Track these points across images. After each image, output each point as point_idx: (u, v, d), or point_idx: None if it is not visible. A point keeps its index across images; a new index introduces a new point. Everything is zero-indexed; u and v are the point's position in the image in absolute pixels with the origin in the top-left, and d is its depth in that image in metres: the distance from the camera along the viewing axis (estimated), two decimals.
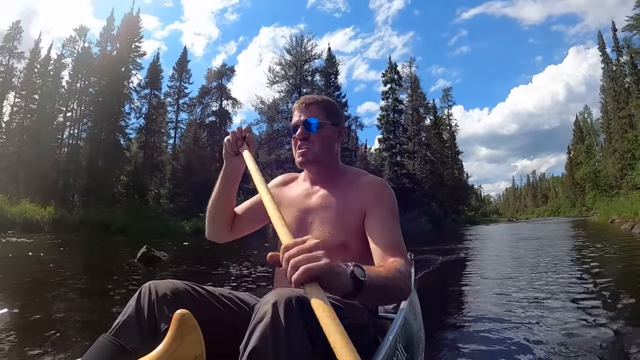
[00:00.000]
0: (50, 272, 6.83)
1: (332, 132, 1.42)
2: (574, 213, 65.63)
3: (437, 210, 36.77)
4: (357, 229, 1.32)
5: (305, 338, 0.90)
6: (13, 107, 33.17)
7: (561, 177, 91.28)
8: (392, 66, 40.70)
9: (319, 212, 1.39)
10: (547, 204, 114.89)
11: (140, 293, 1.12)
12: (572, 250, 9.28)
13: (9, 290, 5.08)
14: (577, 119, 59.31)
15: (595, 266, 6.16)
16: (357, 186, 1.39)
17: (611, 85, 37.47)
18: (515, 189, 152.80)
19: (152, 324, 1.06)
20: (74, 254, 10.97)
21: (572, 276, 5.31)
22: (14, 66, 33.70)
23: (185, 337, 0.79)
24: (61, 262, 8.37)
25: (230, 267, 7.53)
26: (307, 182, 1.49)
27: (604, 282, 4.80)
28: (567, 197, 78.70)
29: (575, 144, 58.79)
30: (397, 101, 39.69)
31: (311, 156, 1.39)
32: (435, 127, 46.71)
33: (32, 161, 29.64)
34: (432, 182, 40.70)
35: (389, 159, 37.32)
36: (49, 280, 5.84)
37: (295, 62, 34.83)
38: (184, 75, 37.50)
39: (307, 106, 1.42)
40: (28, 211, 20.72)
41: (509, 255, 9.24)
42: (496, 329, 3.05)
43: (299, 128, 1.39)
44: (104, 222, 22.04)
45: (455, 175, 50.26)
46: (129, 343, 1.02)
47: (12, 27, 34.37)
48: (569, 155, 67.40)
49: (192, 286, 1.18)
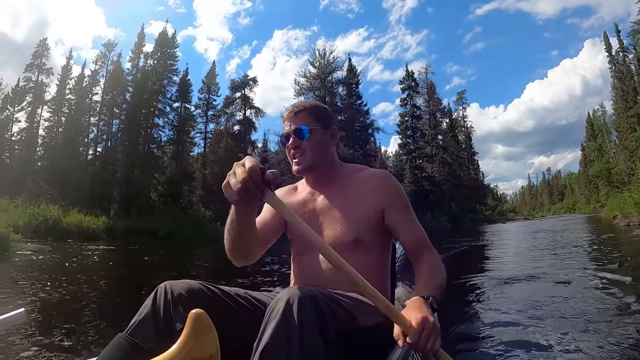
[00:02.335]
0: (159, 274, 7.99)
1: (323, 136, 1.43)
2: (589, 209, 65.91)
3: (456, 210, 38.27)
4: (368, 224, 1.35)
5: (318, 335, 0.91)
6: (45, 121, 34.45)
7: (576, 174, 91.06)
8: (410, 74, 42.39)
9: (327, 212, 1.40)
10: (563, 201, 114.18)
11: (156, 293, 1.12)
12: (558, 244, 11.30)
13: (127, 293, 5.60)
14: (589, 116, 59.47)
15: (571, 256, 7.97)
16: (360, 182, 1.42)
17: (619, 85, 38.27)
18: (531, 187, 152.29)
19: (168, 324, 1.06)
20: (158, 258, 12.03)
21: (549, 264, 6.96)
22: (43, 82, 34.82)
23: (200, 337, 0.78)
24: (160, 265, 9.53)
25: (275, 267, 7.73)
26: (308, 188, 1.50)
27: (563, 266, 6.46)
28: (582, 194, 78.65)
29: (588, 141, 59.14)
30: (415, 107, 41.47)
31: (306, 163, 1.40)
32: (452, 130, 48.11)
33: (69, 173, 30.41)
34: (451, 184, 42.29)
35: (409, 163, 39.09)
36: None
37: (320, 75, 36.71)
38: (212, 88, 39.17)
39: (296, 114, 1.42)
40: (84, 221, 21.39)
41: (517, 247, 11.84)
42: (514, 324, 3.20)
43: (291, 137, 1.41)
44: (150, 230, 22.62)
45: (472, 175, 51.43)
46: (145, 342, 1.03)
47: (40, 44, 35.70)
48: (582, 152, 67.86)
49: (207, 286, 1.18)
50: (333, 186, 1.44)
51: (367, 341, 1.14)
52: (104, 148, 35.36)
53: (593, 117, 57.42)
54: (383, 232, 1.39)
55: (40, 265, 8.82)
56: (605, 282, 4.80)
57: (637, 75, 36.68)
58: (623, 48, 38.11)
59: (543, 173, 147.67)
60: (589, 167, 55.45)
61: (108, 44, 37.25)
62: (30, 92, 34.68)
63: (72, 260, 10.13)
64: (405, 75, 42.29)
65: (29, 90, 34.74)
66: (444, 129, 46.53)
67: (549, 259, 7.87)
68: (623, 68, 38.13)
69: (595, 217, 28.09)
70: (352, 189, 1.41)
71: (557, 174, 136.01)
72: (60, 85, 35.44)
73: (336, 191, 1.43)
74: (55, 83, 35.53)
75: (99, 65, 36.45)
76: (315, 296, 0.96)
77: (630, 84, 37.09)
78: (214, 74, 40.20)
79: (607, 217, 22.99)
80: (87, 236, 19.76)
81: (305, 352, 0.87)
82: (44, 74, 35.29)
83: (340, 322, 1.01)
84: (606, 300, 3.87)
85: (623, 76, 37.84)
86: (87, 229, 20.95)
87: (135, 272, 8.91)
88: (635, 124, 35.32)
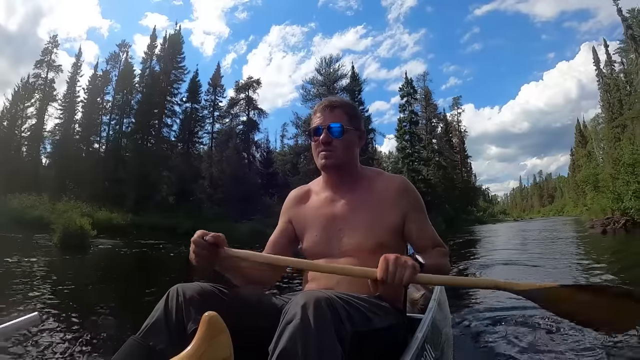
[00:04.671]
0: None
1: (354, 137, 1.43)
2: (577, 212, 67.69)
3: (450, 212, 40.00)
4: (390, 228, 1.38)
5: (335, 339, 0.91)
6: (56, 118, 35.09)
7: (566, 177, 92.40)
8: (409, 81, 44.51)
9: (349, 217, 1.39)
10: (552, 204, 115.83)
11: (168, 296, 1.12)
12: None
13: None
14: (579, 123, 61.87)
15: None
16: (381, 187, 1.43)
17: (605, 97, 40.64)
18: (522, 189, 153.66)
19: (180, 326, 1.06)
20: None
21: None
22: (52, 79, 35.38)
23: (214, 339, 0.77)
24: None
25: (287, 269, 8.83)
26: (327, 190, 1.48)
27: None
28: (570, 198, 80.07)
29: (577, 147, 61.41)
30: (413, 113, 43.72)
31: (335, 161, 1.39)
32: (446, 135, 50.29)
33: (83, 170, 31.51)
34: (445, 186, 44.28)
35: (407, 166, 40.94)
36: None
37: (326, 82, 38.89)
38: (218, 89, 40.08)
39: (332, 110, 1.40)
40: (113, 218, 22.01)
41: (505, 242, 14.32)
42: (527, 324, 3.11)
43: (323, 132, 1.38)
44: (170, 226, 22.98)
45: (464, 178, 53.55)
46: (158, 344, 1.03)
47: (50, 41, 36.17)
48: (571, 158, 70.11)
49: (219, 288, 1.17)
50: (354, 190, 1.43)
51: (381, 342, 1.16)
52: (116, 146, 36.07)
53: (583, 124, 59.47)
54: (402, 235, 1.41)
55: (128, 259, 10.44)
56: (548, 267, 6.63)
57: (623, 89, 38.67)
58: (611, 62, 40.26)
59: (534, 176, 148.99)
60: (577, 172, 57.28)
61: (122, 45, 38.21)
62: (39, 88, 35.12)
63: (148, 253, 11.71)
64: (404, 83, 44.43)
65: (38, 87, 35.21)
66: (440, 134, 48.70)
67: (522, 251, 10.17)
68: (610, 81, 40.20)
69: (578, 220, 30.07)
70: (374, 194, 1.41)
71: (548, 177, 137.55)
72: (70, 83, 36.20)
73: (358, 196, 1.42)
74: (66, 80, 36.22)
75: (110, 65, 37.48)
76: (331, 300, 0.96)
77: (617, 96, 39.03)
78: (219, 75, 41.29)
79: (584, 219, 24.91)
80: (117, 232, 19.85)
81: (323, 356, 0.87)
82: (53, 70, 35.83)
83: (356, 324, 1.02)
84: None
85: (610, 89, 39.96)
86: (117, 225, 21.38)
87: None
88: (619, 133, 37.13)
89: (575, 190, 69.76)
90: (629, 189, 16.23)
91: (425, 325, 1.41)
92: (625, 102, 37.57)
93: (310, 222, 1.45)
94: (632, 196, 15.76)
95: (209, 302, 1.07)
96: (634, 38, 34.70)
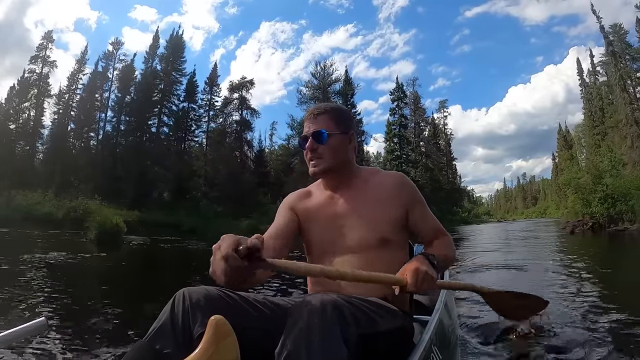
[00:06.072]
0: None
1: (342, 140, 1.42)
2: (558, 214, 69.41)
3: (436, 213, 41.24)
4: (392, 223, 1.38)
5: (341, 342, 0.90)
6: (53, 114, 35.91)
7: (550, 180, 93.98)
8: (400, 86, 46.26)
9: (351, 214, 1.40)
10: (535, 206, 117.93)
11: (174, 300, 1.10)
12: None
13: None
14: (561, 128, 63.79)
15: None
16: (379, 184, 1.44)
17: (587, 106, 42.63)
18: (506, 191, 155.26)
19: (187, 330, 1.04)
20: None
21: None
22: (47, 74, 35.74)
23: (220, 343, 0.76)
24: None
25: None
26: (327, 190, 1.49)
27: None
28: (553, 200, 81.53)
29: (560, 151, 63.30)
30: (402, 117, 45.45)
31: (322, 167, 1.40)
32: (434, 138, 51.95)
33: (80, 167, 32.13)
34: (432, 187, 45.79)
35: (395, 168, 41.92)
36: None
37: (321, 86, 40.20)
38: (214, 89, 40.96)
39: (316, 117, 1.42)
40: (122, 215, 20.56)
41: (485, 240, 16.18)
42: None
43: (309, 140, 1.40)
44: (174, 224, 23.31)
45: (450, 179, 55.15)
46: (164, 349, 1.02)
47: (45, 37, 36.73)
48: (554, 162, 72.36)
49: (226, 292, 1.15)
50: (352, 189, 1.44)
51: (387, 344, 1.16)
52: (113, 143, 36.62)
53: (566, 129, 61.42)
54: (405, 229, 1.44)
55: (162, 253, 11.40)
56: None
57: (605, 98, 40.28)
58: (595, 72, 42.16)
59: (518, 178, 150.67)
60: (559, 176, 58.99)
61: (115, 42, 38.99)
62: (35, 84, 35.54)
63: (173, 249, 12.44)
64: (396, 87, 46.25)
65: (33, 83, 35.62)
66: (427, 137, 50.38)
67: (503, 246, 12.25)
68: (593, 90, 42.07)
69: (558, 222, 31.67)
70: (373, 191, 1.42)
71: (532, 180, 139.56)
72: (69, 80, 36.81)
73: (356, 194, 1.43)
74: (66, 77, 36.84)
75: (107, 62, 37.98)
76: (336, 302, 0.96)
77: (599, 105, 40.83)
78: (216, 75, 42.09)
79: (562, 221, 26.55)
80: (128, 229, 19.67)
81: (328, 359, 0.87)
82: (48, 66, 36.26)
83: (362, 327, 1.01)
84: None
85: (592, 97, 41.91)
86: (127, 222, 20.77)
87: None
88: (600, 140, 38.94)
89: (558, 193, 71.47)
90: (595, 197, 18.65)
91: (432, 327, 1.41)
92: (607, 111, 39.17)
93: (313, 220, 1.45)
94: (597, 202, 18.26)
95: (215, 306, 1.06)
96: (614, 54, 36.15)
